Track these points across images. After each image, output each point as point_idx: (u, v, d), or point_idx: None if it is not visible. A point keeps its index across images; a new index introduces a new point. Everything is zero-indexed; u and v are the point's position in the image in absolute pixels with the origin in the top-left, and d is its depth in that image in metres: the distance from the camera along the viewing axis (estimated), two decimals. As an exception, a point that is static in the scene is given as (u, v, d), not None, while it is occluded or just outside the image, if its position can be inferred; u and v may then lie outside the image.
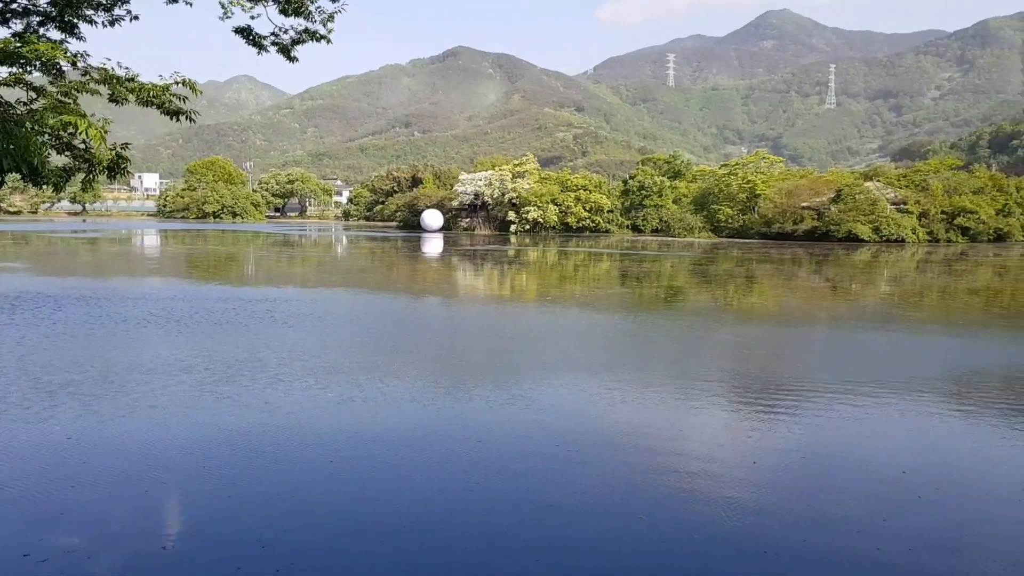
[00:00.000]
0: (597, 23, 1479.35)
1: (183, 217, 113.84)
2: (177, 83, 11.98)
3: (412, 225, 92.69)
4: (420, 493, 7.68)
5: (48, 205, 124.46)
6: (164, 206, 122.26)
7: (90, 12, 12.38)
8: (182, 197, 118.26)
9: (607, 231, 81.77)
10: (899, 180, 78.23)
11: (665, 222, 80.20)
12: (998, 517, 7.31)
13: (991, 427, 10.28)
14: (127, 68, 12.01)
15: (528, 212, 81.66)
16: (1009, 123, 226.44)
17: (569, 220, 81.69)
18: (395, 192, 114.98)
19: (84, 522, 6.91)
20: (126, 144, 12.90)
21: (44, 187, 12.14)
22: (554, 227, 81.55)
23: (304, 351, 14.75)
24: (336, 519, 7.05)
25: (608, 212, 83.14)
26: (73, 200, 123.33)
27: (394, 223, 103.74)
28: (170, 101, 12.01)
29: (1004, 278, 35.82)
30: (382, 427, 9.90)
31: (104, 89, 11.88)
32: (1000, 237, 71.14)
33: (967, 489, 8.01)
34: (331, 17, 12.72)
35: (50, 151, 11.70)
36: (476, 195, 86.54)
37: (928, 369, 13.99)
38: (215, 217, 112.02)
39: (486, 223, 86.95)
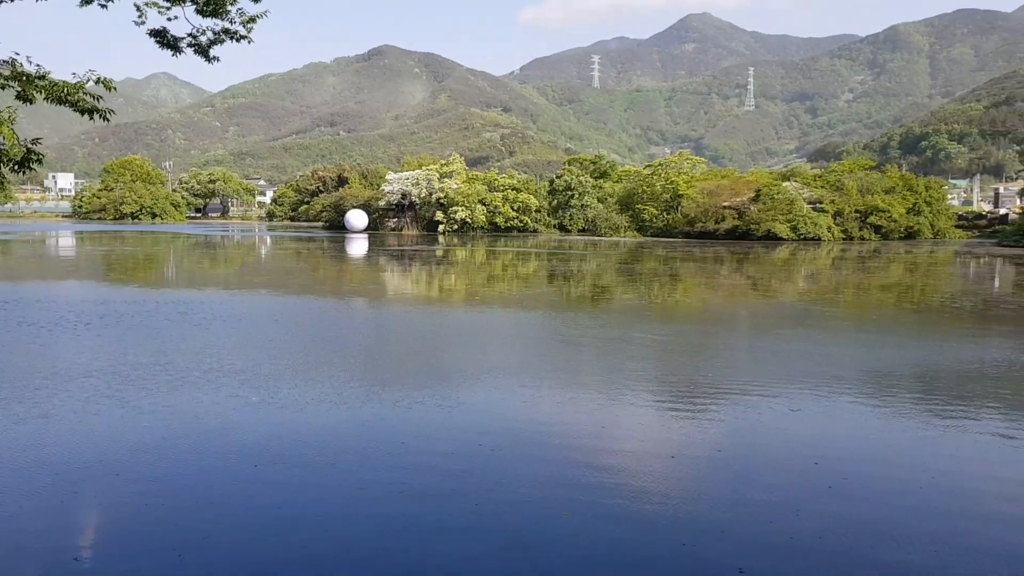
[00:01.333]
0: (520, 25, 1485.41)
1: (100, 218, 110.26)
2: (91, 81, 11.55)
3: (338, 226, 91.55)
4: (343, 495, 7.61)
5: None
6: (80, 207, 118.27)
7: None
8: (99, 198, 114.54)
9: (535, 231, 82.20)
10: (815, 180, 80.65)
11: (591, 221, 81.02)
12: (904, 504, 7.61)
13: (900, 419, 10.70)
14: (38, 65, 11.54)
15: (456, 212, 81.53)
16: (918, 125, 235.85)
17: (497, 220, 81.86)
18: (320, 192, 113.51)
19: (-12, 535, 6.66)
20: (37, 139, 12.38)
21: None
22: (482, 227, 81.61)
23: (213, 353, 14.42)
24: (252, 525, 6.94)
25: (536, 212, 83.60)
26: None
27: (320, 224, 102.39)
28: (83, 99, 11.56)
29: (915, 274, 37.26)
30: (299, 431, 9.75)
31: (13, 85, 11.38)
32: (911, 235, 73.94)
33: (875, 478, 8.30)
34: (252, 19, 12.44)
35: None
36: (403, 195, 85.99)
37: (843, 364, 14.47)
38: (133, 218, 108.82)
39: (414, 223, 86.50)
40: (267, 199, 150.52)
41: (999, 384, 12.77)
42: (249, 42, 12.78)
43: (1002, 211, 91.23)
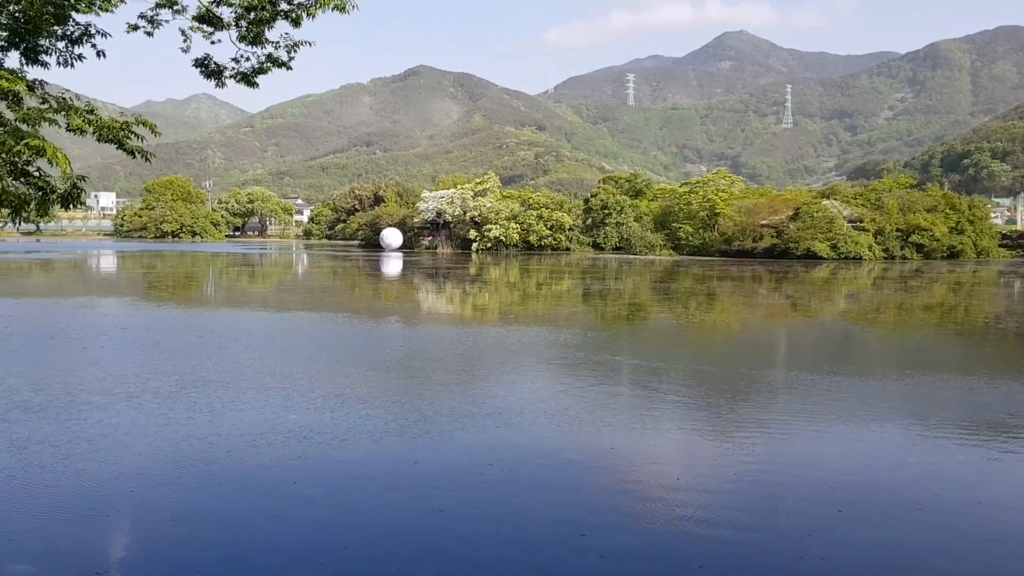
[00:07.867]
0: (552, 45, 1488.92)
1: (141, 236, 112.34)
2: (136, 123, 11.73)
3: (374, 244, 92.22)
4: (354, 507, 7.68)
5: (1, 225, 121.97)
6: (121, 225, 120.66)
7: (50, 44, 12.04)
8: (140, 216, 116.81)
9: (568, 249, 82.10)
10: (855, 198, 79.69)
11: (626, 240, 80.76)
12: (908, 534, 7.59)
13: (925, 447, 10.72)
14: (88, 101, 11.75)
15: (490, 230, 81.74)
16: (960, 143, 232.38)
17: (531, 238, 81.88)
18: (357, 211, 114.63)
19: None
20: (83, 177, 12.61)
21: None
22: (516, 245, 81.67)
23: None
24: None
25: (569, 230, 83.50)
26: (25, 220, 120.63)
27: (356, 242, 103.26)
28: (128, 138, 11.76)
29: (958, 294, 36.49)
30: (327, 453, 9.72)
31: (62, 118, 11.59)
32: (953, 254, 72.56)
33: (885, 503, 8.25)
34: (296, 45, 12.53)
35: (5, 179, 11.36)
36: (438, 213, 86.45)
37: (877, 389, 14.24)
38: (174, 236, 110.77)
39: (448, 241, 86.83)
40: (304, 218, 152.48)
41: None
42: (289, 69, 12.87)
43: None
